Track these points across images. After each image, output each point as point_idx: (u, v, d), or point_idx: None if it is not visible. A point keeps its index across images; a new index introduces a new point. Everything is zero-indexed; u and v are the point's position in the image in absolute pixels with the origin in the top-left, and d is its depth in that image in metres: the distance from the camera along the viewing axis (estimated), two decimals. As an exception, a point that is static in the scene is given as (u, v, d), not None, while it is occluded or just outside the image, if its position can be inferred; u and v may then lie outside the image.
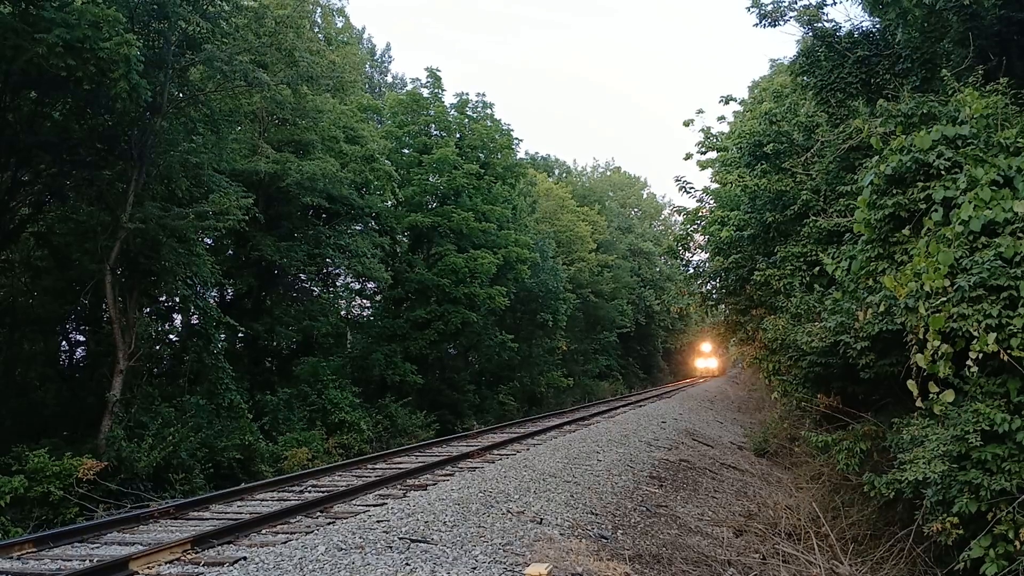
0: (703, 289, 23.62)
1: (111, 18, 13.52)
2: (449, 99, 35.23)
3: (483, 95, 36.12)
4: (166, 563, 7.73)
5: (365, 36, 46.28)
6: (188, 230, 17.29)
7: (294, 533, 8.94)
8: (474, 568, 7.01)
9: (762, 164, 17.61)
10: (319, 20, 32.64)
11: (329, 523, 9.33)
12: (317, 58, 21.96)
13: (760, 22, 15.42)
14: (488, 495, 10.21)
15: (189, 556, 7.95)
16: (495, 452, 16.29)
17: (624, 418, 24.50)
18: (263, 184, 22.88)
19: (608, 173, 76.77)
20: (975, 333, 7.77)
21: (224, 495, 11.94)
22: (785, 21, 15.23)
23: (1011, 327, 7.71)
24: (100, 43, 13.38)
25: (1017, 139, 8.82)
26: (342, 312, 32.38)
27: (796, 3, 15.06)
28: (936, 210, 8.85)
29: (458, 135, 34.74)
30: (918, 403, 8.27)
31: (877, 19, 14.55)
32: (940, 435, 8.37)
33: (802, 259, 15.05)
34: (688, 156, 24.06)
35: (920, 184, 9.23)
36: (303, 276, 28.22)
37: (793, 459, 18.87)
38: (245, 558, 7.49)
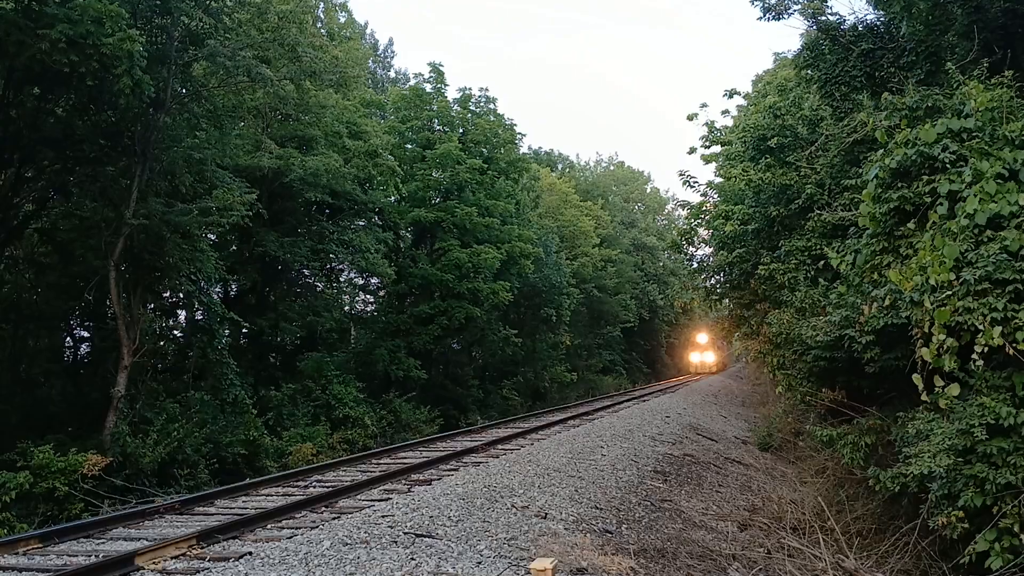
0: (707, 284, 23.64)
1: (114, 14, 13.50)
2: (452, 94, 35.24)
3: (486, 90, 36.12)
4: (172, 558, 7.75)
5: (368, 31, 46.19)
6: (192, 226, 17.31)
7: (299, 528, 8.94)
8: (479, 563, 7.02)
9: (766, 158, 17.58)
10: (322, 15, 32.63)
11: (334, 518, 9.34)
12: (320, 53, 21.88)
13: (764, 15, 15.36)
14: (493, 490, 10.22)
15: (195, 551, 7.97)
16: (499, 447, 16.30)
17: (628, 413, 24.49)
18: (266, 180, 22.89)
19: (611, 168, 76.59)
20: (980, 327, 7.76)
21: (229, 490, 11.96)
22: (789, 14, 15.16)
23: (1017, 321, 7.70)
24: (103, 39, 13.36)
25: (1022, 132, 8.79)
26: (346, 308, 32.46)
27: (800, -4, 15.01)
28: (941, 203, 8.83)
29: (461, 130, 34.66)
30: (923, 397, 8.26)
31: (881, 12, 14.49)
32: (945, 429, 8.37)
33: (807, 253, 15.03)
34: (692, 150, 24.13)
35: (925, 177, 9.22)
36: (307, 272, 28.26)
37: (798, 453, 18.89)
38: (251, 553, 7.51)
